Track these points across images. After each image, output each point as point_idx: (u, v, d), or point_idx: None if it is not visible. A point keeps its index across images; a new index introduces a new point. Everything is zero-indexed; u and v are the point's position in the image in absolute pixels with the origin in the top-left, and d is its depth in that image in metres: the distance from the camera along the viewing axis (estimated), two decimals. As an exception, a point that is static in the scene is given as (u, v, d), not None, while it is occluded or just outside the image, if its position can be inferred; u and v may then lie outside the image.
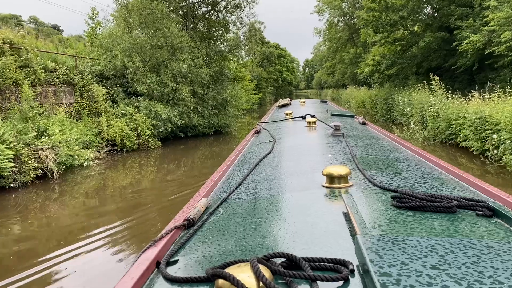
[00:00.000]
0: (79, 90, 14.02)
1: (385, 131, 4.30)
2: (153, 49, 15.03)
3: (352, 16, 50.57)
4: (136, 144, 14.02)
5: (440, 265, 0.93)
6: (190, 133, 17.22)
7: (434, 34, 18.35)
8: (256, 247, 1.29)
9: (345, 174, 1.86)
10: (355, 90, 36.46)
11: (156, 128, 14.55)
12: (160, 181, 10.83)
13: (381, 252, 0.99)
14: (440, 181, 2.10)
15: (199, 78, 15.98)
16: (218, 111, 18.30)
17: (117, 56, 14.67)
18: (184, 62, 14.99)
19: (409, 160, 2.67)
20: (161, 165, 13.29)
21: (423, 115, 14.26)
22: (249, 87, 36.69)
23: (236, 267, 0.97)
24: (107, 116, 14.17)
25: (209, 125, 17.71)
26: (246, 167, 2.74)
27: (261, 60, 50.43)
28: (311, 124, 4.47)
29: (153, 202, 8.74)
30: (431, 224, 1.34)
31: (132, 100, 14.98)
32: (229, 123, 18.33)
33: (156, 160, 13.94)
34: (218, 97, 17.84)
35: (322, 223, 1.44)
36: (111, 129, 13.59)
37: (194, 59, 15.79)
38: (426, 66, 20.31)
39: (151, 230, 6.92)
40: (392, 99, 19.29)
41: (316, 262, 1.03)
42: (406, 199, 1.52)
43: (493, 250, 1.02)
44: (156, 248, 1.35)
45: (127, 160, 13.43)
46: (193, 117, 16.21)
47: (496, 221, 1.42)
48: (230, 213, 1.75)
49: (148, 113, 14.46)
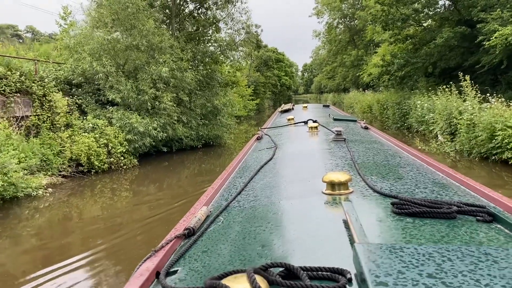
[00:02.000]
0: (38, 100, 11.68)
1: (387, 136, 4.18)
2: (129, 51, 12.71)
3: (353, 18, 48.87)
4: (107, 163, 11.65)
5: (437, 274, 0.92)
6: (175, 146, 14.87)
7: (453, 29, 16.06)
8: (255, 256, 1.29)
9: (345, 180, 1.83)
10: (359, 94, 34.17)
11: (132, 144, 12.18)
12: (132, 212, 8.45)
13: (378, 261, 0.98)
14: (441, 186, 2.07)
15: (184, 83, 13.66)
16: (208, 120, 15.96)
17: (85, 59, 12.35)
18: (164, 65, 12.66)
19: (410, 165, 2.61)
20: (138, 188, 10.91)
21: (450, 123, 11.89)
22: (245, 92, 34.52)
23: (233, 277, 0.98)
24: (73, 131, 11.83)
25: (197, 137, 15.36)
26: (247, 174, 2.70)
27: (258, 64, 48.25)
28: (313, 129, 4.35)
29: (122, 249, 6.38)
30: (430, 230, 1.34)
31: (104, 111, 12.63)
32: (220, 134, 15.96)
33: (132, 183, 11.56)
34: (208, 104, 15.51)
35: (321, 231, 1.44)
36: (75, 147, 11.23)
37: (177, 61, 13.47)
38: (443, 66, 18.00)
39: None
40: (406, 103, 16.95)
41: (314, 271, 1.03)
42: (406, 205, 1.51)
43: (490, 257, 1.00)
44: (156, 258, 1.36)
45: (96, 184, 11.06)
46: (178, 128, 13.86)
47: (496, 226, 1.41)
48: (230, 222, 1.73)
49: (122, 125, 12.11)
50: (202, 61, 15.37)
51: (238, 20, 15.98)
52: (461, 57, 17.93)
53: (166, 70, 12.51)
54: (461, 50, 18.07)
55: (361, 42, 46.96)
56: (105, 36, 12.28)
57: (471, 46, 18.14)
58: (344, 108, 39.71)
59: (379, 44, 35.53)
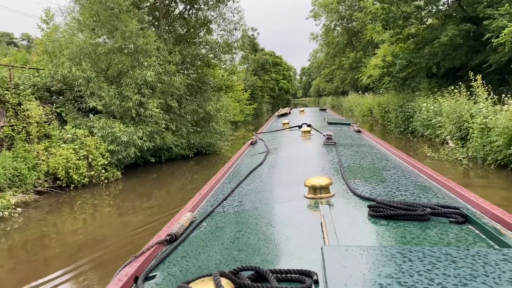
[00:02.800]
0: (12, 109, 10.74)
1: (378, 139, 4.11)
2: (111, 54, 11.79)
3: (350, 19, 48.25)
4: (87, 177, 10.68)
5: (395, 274, 0.94)
6: (165, 156, 13.91)
7: (458, 27, 15.17)
8: (230, 260, 1.32)
9: (326, 184, 1.86)
10: (358, 97, 33.29)
11: (115, 155, 11.22)
12: (116, 231, 7.48)
13: (343, 263, 1.02)
14: (421, 188, 2.10)
15: (172, 88, 12.72)
16: (201, 127, 15.02)
17: (64, 64, 11.42)
18: (150, 68, 11.73)
19: (395, 168, 2.63)
20: (123, 204, 9.95)
21: (460, 126, 10.95)
22: (242, 97, 33.63)
23: (201, 281, 1.00)
24: (51, 142, 10.89)
25: (188, 146, 14.40)
26: (236, 179, 2.71)
27: (255, 68, 47.41)
28: (305, 133, 4.39)
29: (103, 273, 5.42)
30: (402, 232, 1.37)
31: (85, 119, 11.68)
32: (214, 142, 15.01)
33: (116, 197, 10.59)
34: (199, 110, 14.56)
35: (298, 234, 1.47)
36: (52, 159, 10.28)
37: (165, 64, 12.54)
38: (447, 66, 17.11)
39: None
40: (409, 106, 16.02)
41: (283, 273, 1.06)
42: (382, 208, 1.54)
43: (450, 258, 1.03)
44: (136, 263, 1.37)
45: (75, 200, 10.09)
46: (167, 136, 12.91)
47: (467, 227, 1.44)
48: (213, 227, 1.75)
49: (104, 135, 11.16)
50: (192, 64, 14.43)
51: (230, 21, 15.10)
52: (466, 56, 17.06)
53: (151, 74, 11.58)
54: (465, 49, 17.19)
55: (359, 44, 46.34)
56: (87, 39, 11.35)
57: (476, 45, 17.26)
58: (343, 111, 38.79)
59: (378, 46, 34.71)
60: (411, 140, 15.65)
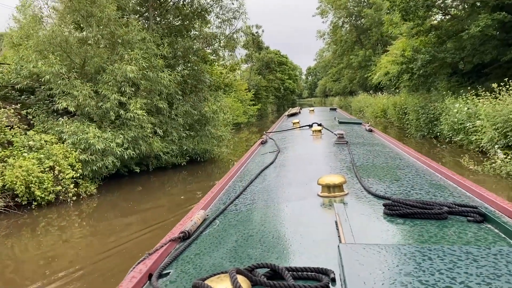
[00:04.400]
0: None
1: (390, 138, 4.11)
2: (86, 46, 9.95)
3: (359, 16, 46.37)
4: (53, 193, 8.84)
5: (415, 272, 0.93)
6: (153, 165, 12.05)
7: (490, 16, 13.17)
8: (245, 258, 1.31)
9: (339, 183, 1.85)
10: (369, 97, 31.24)
11: (88, 166, 9.38)
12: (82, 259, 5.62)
13: (361, 261, 1.00)
14: (437, 187, 2.07)
15: (159, 86, 10.85)
16: (195, 131, 13.15)
17: (30, 57, 9.61)
18: (131, 62, 9.88)
19: (409, 167, 2.60)
20: (96, 225, 8.13)
21: (506, 133, 8.97)
22: (245, 97, 31.77)
23: (216, 278, 0.99)
24: (13, 150, 9.08)
25: (181, 153, 12.53)
26: (247, 178, 2.69)
27: (259, 67, 45.50)
28: (316, 132, 4.35)
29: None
30: (419, 231, 1.35)
31: (55, 123, 9.84)
32: (210, 148, 13.11)
33: (90, 217, 8.75)
34: (193, 112, 12.68)
35: (312, 232, 1.46)
36: (8, 172, 8.46)
37: (151, 58, 10.68)
38: (475, 61, 15.07)
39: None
40: (433, 107, 14.03)
41: (299, 271, 1.04)
42: (397, 206, 1.52)
43: (471, 256, 1.01)
44: (150, 261, 1.37)
45: (38, 222, 8.28)
46: (154, 142, 11.05)
47: (486, 226, 1.40)
48: (226, 225, 1.75)
49: (76, 142, 9.32)
50: (184, 59, 12.53)
51: (228, 8, 13.23)
52: (496, 50, 15.02)
53: (133, 69, 9.73)
54: (495, 43, 15.16)
55: (368, 41, 44.42)
56: (54, 29, 9.52)
57: (508, 37, 15.26)
58: (352, 112, 36.72)
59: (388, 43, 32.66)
60: (436, 146, 13.65)
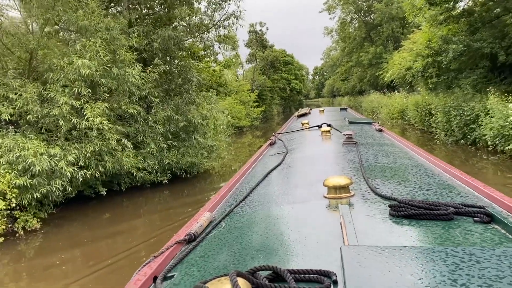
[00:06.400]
0: None
1: (400, 138, 4.03)
2: (29, 34, 7.66)
3: (369, 11, 43.90)
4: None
5: (416, 274, 0.92)
6: (125, 184, 9.73)
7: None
8: (249, 260, 1.30)
9: (345, 184, 1.84)
10: (382, 96, 28.67)
11: (29, 192, 7.08)
12: None
13: (362, 263, 1.00)
14: (445, 187, 2.05)
15: (128, 85, 8.52)
16: (181, 141, 10.81)
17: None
18: (86, 55, 7.57)
19: (417, 167, 2.56)
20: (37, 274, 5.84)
21: None
22: (248, 98, 29.40)
23: (217, 281, 0.98)
24: None
25: (161, 168, 10.19)
26: (254, 180, 2.68)
27: (264, 66, 43.11)
28: (325, 133, 4.34)
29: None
30: (425, 232, 1.35)
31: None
32: (198, 161, 10.74)
33: (31, 261, 6.45)
34: (177, 118, 10.34)
35: (316, 234, 1.45)
36: None
37: (120, 50, 8.36)
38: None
39: None
40: (470, 108, 11.52)
41: (301, 273, 1.04)
42: (403, 207, 1.51)
43: (474, 258, 1.00)
44: (155, 263, 1.39)
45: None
46: (123, 157, 8.73)
47: (493, 227, 1.40)
48: (231, 227, 1.74)
49: (12, 161, 7.04)
50: (164, 52, 10.18)
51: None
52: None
53: (88, 64, 7.41)
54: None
55: (378, 38, 41.92)
56: None
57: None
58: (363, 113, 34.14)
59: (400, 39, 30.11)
60: (473, 155, 11.14)
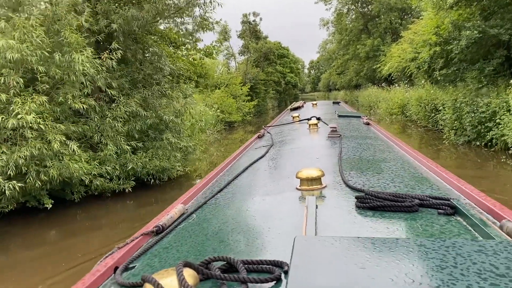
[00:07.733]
0: None
1: (385, 131, 4.13)
2: None
3: (366, 2, 42.36)
4: None
5: (363, 264, 0.93)
6: (78, 194, 8.10)
7: None
8: (210, 251, 1.32)
9: (317, 176, 1.87)
10: (380, 90, 27.13)
11: None
12: None
13: (312, 253, 1.01)
14: (418, 180, 2.08)
15: (77, 75, 6.86)
16: (149, 141, 9.19)
17: None
18: (13, 34, 5.91)
19: (395, 160, 2.62)
20: None
21: None
22: (240, 92, 27.78)
23: (164, 271, 0.97)
24: None
25: (124, 174, 8.56)
26: (235, 172, 2.68)
27: (257, 58, 41.38)
28: (313, 126, 4.41)
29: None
30: (388, 224, 1.37)
31: None
32: (170, 165, 9.12)
33: None
34: (144, 114, 8.70)
35: (280, 226, 1.48)
36: None
37: (61, 30, 6.70)
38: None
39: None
40: (486, 104, 9.98)
41: (254, 264, 1.05)
42: (369, 199, 1.53)
43: (422, 249, 1.00)
44: (118, 254, 1.37)
45: None
46: (72, 163, 7.09)
47: (455, 219, 1.42)
48: (201, 219, 1.75)
49: None
50: (125, 35, 8.48)
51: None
52: None
53: (17, 47, 5.75)
54: None
55: (376, 30, 40.37)
56: None
57: None
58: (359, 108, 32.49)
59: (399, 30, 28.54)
60: (491, 157, 9.61)
